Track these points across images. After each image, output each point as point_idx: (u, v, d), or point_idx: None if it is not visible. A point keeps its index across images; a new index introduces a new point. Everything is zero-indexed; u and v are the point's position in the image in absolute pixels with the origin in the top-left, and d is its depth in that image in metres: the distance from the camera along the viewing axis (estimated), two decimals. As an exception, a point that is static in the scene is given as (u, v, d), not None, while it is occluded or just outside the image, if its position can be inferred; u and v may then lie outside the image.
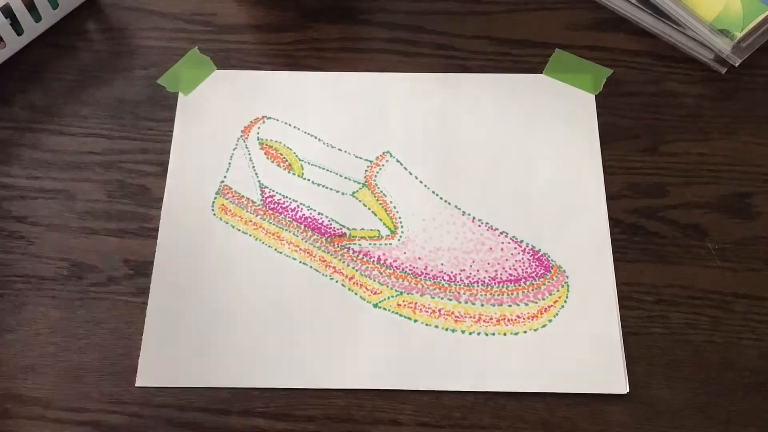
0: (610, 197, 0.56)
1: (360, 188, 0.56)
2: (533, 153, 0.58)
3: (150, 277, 0.53)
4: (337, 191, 0.56)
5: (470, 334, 0.51)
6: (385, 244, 0.54)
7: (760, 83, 0.61)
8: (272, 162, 0.58)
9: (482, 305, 0.52)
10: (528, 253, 0.54)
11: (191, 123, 0.59)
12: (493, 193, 0.56)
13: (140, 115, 0.59)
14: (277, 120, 0.59)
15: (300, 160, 0.58)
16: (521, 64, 0.62)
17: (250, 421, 0.49)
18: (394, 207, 0.56)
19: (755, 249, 0.54)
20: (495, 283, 0.53)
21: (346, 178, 0.57)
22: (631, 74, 0.61)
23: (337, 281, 0.53)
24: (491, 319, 0.52)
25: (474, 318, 0.52)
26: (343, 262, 0.54)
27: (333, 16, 0.64)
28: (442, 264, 0.54)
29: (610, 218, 0.55)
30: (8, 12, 0.59)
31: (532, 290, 0.53)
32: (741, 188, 0.57)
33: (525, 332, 0.51)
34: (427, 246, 0.54)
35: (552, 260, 0.54)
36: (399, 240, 0.54)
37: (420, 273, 0.53)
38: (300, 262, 0.54)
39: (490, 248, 0.54)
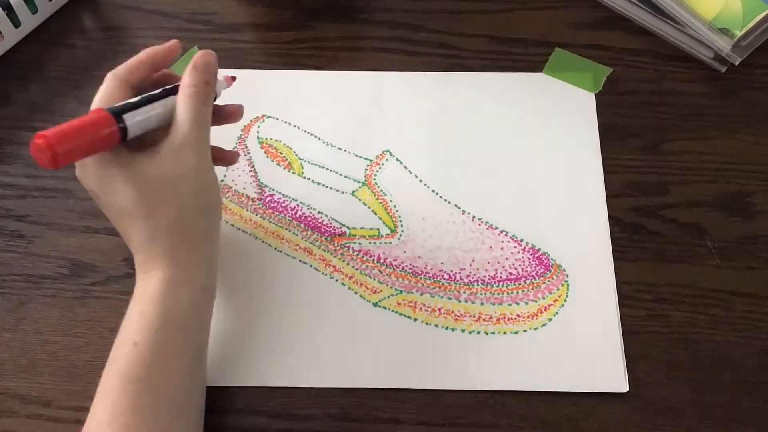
0: (609, 196, 0.56)
1: (360, 187, 0.56)
2: (533, 151, 0.58)
3: (150, 276, 0.53)
4: (337, 190, 0.56)
5: (470, 333, 0.51)
6: (385, 243, 0.54)
7: (760, 82, 0.61)
8: (272, 161, 0.58)
9: (482, 304, 0.52)
10: (528, 251, 0.54)
11: (191, 122, 0.59)
12: (493, 192, 0.56)
13: (140, 114, 0.59)
14: (277, 119, 0.59)
15: (300, 159, 0.58)
16: (521, 63, 0.62)
17: (250, 421, 0.49)
18: (394, 206, 0.56)
19: (755, 248, 0.54)
20: (495, 282, 0.53)
21: (345, 177, 0.57)
22: (631, 73, 0.61)
23: (337, 280, 0.53)
24: (491, 318, 0.52)
25: (474, 317, 0.52)
26: (343, 261, 0.54)
27: (333, 15, 0.64)
28: (441, 263, 0.54)
29: (609, 217, 0.55)
30: (5, 4, 0.59)
31: (532, 289, 0.53)
32: (741, 187, 0.57)
33: (525, 331, 0.51)
34: (427, 245, 0.54)
35: (552, 259, 0.54)
36: (399, 239, 0.54)
37: (420, 272, 0.53)
38: (300, 261, 0.54)
39: (490, 247, 0.54)
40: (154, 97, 0.44)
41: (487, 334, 0.51)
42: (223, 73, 0.61)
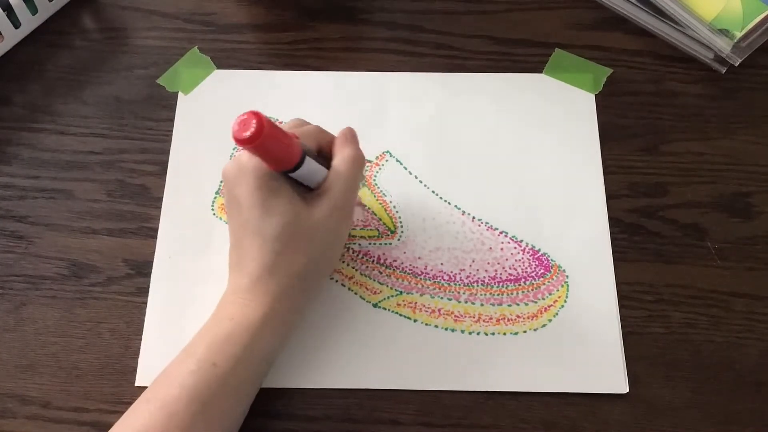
0: (609, 197, 0.56)
1: (360, 188, 0.56)
2: (533, 152, 0.58)
3: (150, 277, 0.53)
4: (337, 191, 0.56)
5: (470, 333, 0.51)
6: (385, 244, 0.54)
7: (759, 83, 0.61)
8: (272, 161, 0.57)
9: (482, 305, 0.52)
10: (528, 252, 0.54)
11: (191, 122, 0.59)
12: (492, 193, 0.56)
13: (140, 114, 0.59)
14: (277, 119, 0.59)
15: (300, 159, 0.58)
16: (521, 64, 0.62)
17: (250, 421, 0.48)
18: (394, 207, 0.56)
19: (755, 248, 0.54)
20: (495, 283, 0.53)
21: (345, 177, 0.57)
22: (630, 74, 0.61)
23: (336, 281, 0.53)
24: (491, 318, 0.52)
25: (474, 318, 0.52)
26: (343, 261, 0.53)
27: (333, 16, 0.64)
28: (441, 264, 0.54)
29: (609, 218, 0.55)
30: (5, 4, 0.59)
31: (532, 290, 0.53)
32: (741, 188, 0.57)
33: (525, 332, 0.51)
34: (427, 245, 0.54)
35: (552, 260, 0.54)
36: (399, 239, 0.54)
37: (420, 273, 0.53)
38: (300, 261, 0.54)
39: (490, 248, 0.54)
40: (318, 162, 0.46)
41: (487, 334, 0.51)
42: (222, 74, 0.61)
